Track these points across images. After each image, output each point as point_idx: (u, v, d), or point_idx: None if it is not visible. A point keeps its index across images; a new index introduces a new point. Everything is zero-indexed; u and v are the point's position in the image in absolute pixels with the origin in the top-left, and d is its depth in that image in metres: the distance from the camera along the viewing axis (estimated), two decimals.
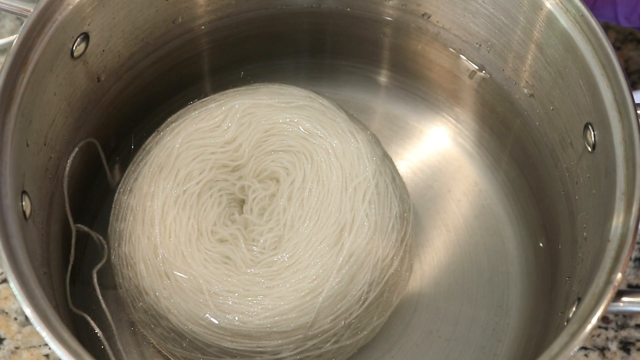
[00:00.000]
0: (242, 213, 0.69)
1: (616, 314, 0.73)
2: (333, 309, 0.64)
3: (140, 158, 0.70)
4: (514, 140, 0.76)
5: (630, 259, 0.68)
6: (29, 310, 0.52)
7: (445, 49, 0.77)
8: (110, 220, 0.69)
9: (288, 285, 0.64)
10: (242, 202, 0.70)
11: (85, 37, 0.66)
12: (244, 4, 0.76)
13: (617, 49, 0.85)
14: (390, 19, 0.77)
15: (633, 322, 0.73)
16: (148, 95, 0.76)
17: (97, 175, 0.74)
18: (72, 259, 0.68)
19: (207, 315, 0.63)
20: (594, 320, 0.53)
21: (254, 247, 0.66)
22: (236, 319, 0.63)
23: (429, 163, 0.78)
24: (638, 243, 0.74)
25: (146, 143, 0.71)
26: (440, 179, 0.78)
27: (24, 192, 0.59)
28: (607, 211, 0.57)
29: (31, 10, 0.61)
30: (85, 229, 0.69)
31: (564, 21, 0.64)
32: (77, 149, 0.69)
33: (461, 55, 0.76)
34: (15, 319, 0.72)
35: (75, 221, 0.68)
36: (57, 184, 0.67)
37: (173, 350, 0.66)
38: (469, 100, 0.78)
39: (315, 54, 0.82)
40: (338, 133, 0.69)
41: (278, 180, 0.69)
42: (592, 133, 0.62)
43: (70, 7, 0.63)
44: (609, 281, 0.54)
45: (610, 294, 0.53)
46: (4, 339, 0.71)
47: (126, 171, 0.70)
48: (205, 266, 0.65)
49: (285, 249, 0.66)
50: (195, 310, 0.63)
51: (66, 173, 0.67)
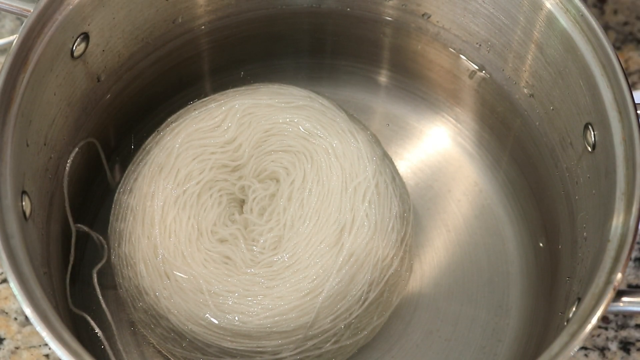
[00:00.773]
0: (242, 213, 0.69)
1: (616, 314, 0.73)
2: (333, 309, 0.64)
3: (140, 158, 0.70)
4: (514, 140, 0.76)
5: (630, 259, 0.68)
6: (29, 310, 0.52)
7: (445, 49, 0.77)
8: (110, 220, 0.69)
9: (288, 285, 0.64)
10: (242, 202, 0.70)
11: (85, 37, 0.66)
12: (244, 4, 0.76)
13: (617, 49, 0.85)
14: (390, 19, 0.77)
15: (633, 322, 0.73)
16: (148, 95, 0.76)
17: (97, 175, 0.73)
18: (72, 259, 0.68)
19: (207, 315, 0.63)
20: (594, 320, 0.53)
21: (254, 247, 0.66)
22: (236, 319, 0.63)
23: (429, 163, 0.78)
24: (638, 243, 0.74)
25: (146, 143, 0.71)
26: (440, 179, 0.78)
27: (24, 192, 0.59)
28: (607, 211, 0.57)
29: (31, 10, 0.61)
30: (85, 229, 0.69)
31: (564, 21, 0.64)
32: (77, 149, 0.69)
33: (461, 55, 0.76)
34: (15, 319, 0.72)
35: (75, 221, 0.68)
36: (57, 184, 0.67)
37: (173, 350, 0.66)
38: (469, 100, 0.78)
39: (315, 54, 0.82)
40: (338, 133, 0.69)
41: (278, 180, 0.69)
42: (592, 133, 0.62)
43: (70, 7, 0.63)
44: (609, 281, 0.54)
45: (610, 294, 0.53)
46: (4, 339, 0.71)
47: (126, 171, 0.70)
48: (205, 266, 0.65)
49: (285, 249, 0.66)
50: (195, 310, 0.63)
51: (66, 173, 0.67)
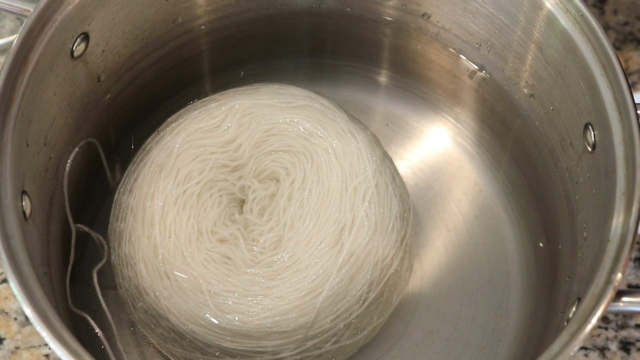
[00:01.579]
0: (242, 213, 0.69)
1: (616, 314, 0.73)
2: (333, 309, 0.64)
3: (140, 158, 0.70)
4: (514, 140, 0.76)
5: (630, 259, 0.68)
6: (29, 310, 0.52)
7: (445, 49, 0.77)
8: (110, 220, 0.69)
9: (288, 285, 0.64)
10: (242, 202, 0.70)
11: (85, 37, 0.66)
12: (244, 4, 0.76)
13: (617, 49, 0.85)
14: (390, 19, 0.77)
15: (633, 322, 0.73)
16: (148, 95, 0.76)
17: (97, 175, 0.73)
18: (72, 259, 0.68)
19: (207, 315, 0.63)
20: (594, 320, 0.53)
21: (254, 247, 0.66)
22: (236, 319, 0.63)
23: (429, 163, 0.78)
24: (638, 243, 0.74)
25: (146, 143, 0.71)
26: (440, 179, 0.78)
27: (24, 192, 0.59)
28: (607, 211, 0.57)
29: (31, 10, 0.61)
30: (85, 229, 0.69)
31: (564, 21, 0.64)
32: (77, 149, 0.69)
33: (461, 55, 0.76)
34: (15, 319, 0.72)
35: (75, 221, 0.68)
36: (57, 184, 0.67)
37: (173, 350, 0.66)
38: (469, 100, 0.78)
39: (315, 54, 0.82)
40: (338, 133, 0.69)
41: (278, 180, 0.69)
42: (592, 133, 0.62)
43: (70, 7, 0.63)
44: (609, 281, 0.54)
45: (610, 294, 0.53)
46: (4, 339, 0.71)
47: (126, 171, 0.70)
48: (205, 266, 0.65)
49: (285, 249, 0.66)
50: (195, 310, 0.63)
51: (66, 173, 0.67)
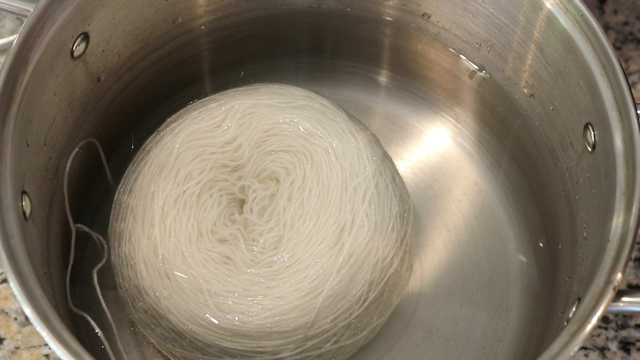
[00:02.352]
0: (242, 213, 0.69)
1: (616, 314, 0.73)
2: (333, 309, 0.64)
3: (140, 158, 0.70)
4: (514, 140, 0.76)
5: (630, 259, 0.68)
6: (29, 310, 0.52)
7: (445, 49, 0.77)
8: (110, 220, 0.69)
9: (288, 285, 0.64)
10: (242, 202, 0.70)
11: (85, 37, 0.66)
12: (244, 4, 0.76)
13: (617, 49, 0.85)
14: (390, 19, 0.77)
15: (633, 322, 0.73)
16: (148, 95, 0.76)
17: (97, 175, 0.73)
18: (72, 259, 0.68)
19: (207, 315, 0.63)
20: (594, 320, 0.53)
21: (254, 247, 0.66)
22: (236, 319, 0.63)
23: (429, 163, 0.78)
24: (638, 243, 0.74)
25: (146, 143, 0.71)
26: (440, 179, 0.78)
27: (24, 192, 0.59)
28: (607, 211, 0.57)
29: (31, 10, 0.61)
30: (85, 229, 0.69)
31: (564, 21, 0.64)
32: (77, 149, 0.69)
33: (461, 55, 0.76)
34: (15, 319, 0.72)
35: (75, 221, 0.68)
36: (57, 184, 0.67)
37: (173, 350, 0.66)
38: (469, 100, 0.78)
39: (315, 54, 0.82)
40: (338, 133, 0.69)
41: (278, 180, 0.69)
42: (592, 133, 0.62)
43: (70, 7, 0.63)
44: (609, 281, 0.54)
45: (610, 294, 0.53)
46: (4, 339, 0.71)
47: (126, 171, 0.70)
48: (205, 266, 0.65)
49: (285, 249, 0.66)
50: (195, 310, 0.63)
51: (66, 173, 0.67)
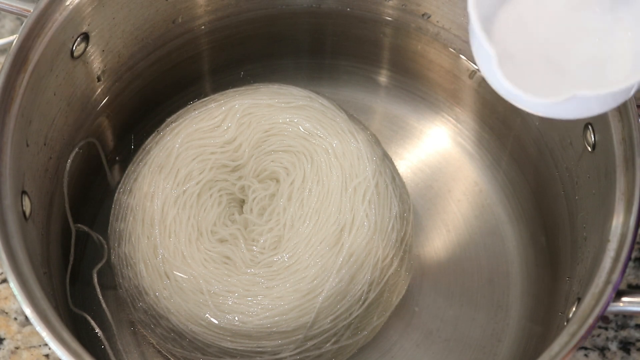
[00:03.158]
0: (242, 213, 0.69)
1: (616, 314, 0.73)
2: (333, 309, 0.64)
3: (140, 158, 0.70)
4: (514, 140, 0.76)
5: (630, 259, 0.68)
6: (29, 310, 0.52)
7: (445, 49, 0.77)
8: (110, 220, 0.69)
9: (288, 285, 0.64)
10: (242, 202, 0.70)
11: (85, 37, 0.66)
12: (244, 4, 0.76)
13: None
14: (390, 19, 0.77)
15: (633, 322, 0.73)
16: (148, 96, 0.76)
17: (97, 175, 0.73)
18: (72, 259, 0.68)
19: (207, 315, 0.63)
20: (594, 320, 0.53)
21: (254, 247, 0.66)
22: (236, 319, 0.63)
23: (429, 163, 0.78)
24: (638, 243, 0.74)
25: (146, 143, 0.71)
26: (440, 179, 0.78)
27: (24, 192, 0.59)
28: (607, 211, 0.57)
29: (31, 10, 0.61)
30: (85, 229, 0.69)
31: None
32: (77, 149, 0.69)
33: (461, 55, 0.76)
34: (15, 319, 0.72)
35: (75, 221, 0.68)
36: (57, 184, 0.67)
37: (173, 350, 0.66)
38: (469, 100, 0.78)
39: (315, 54, 0.82)
40: (338, 133, 0.69)
41: (278, 180, 0.69)
42: (592, 133, 0.62)
43: (70, 7, 0.63)
44: (609, 281, 0.54)
45: (610, 294, 0.53)
46: (4, 339, 0.71)
47: (126, 171, 0.70)
48: (205, 266, 0.65)
49: (285, 249, 0.66)
50: (195, 310, 0.63)
51: (66, 173, 0.67)
